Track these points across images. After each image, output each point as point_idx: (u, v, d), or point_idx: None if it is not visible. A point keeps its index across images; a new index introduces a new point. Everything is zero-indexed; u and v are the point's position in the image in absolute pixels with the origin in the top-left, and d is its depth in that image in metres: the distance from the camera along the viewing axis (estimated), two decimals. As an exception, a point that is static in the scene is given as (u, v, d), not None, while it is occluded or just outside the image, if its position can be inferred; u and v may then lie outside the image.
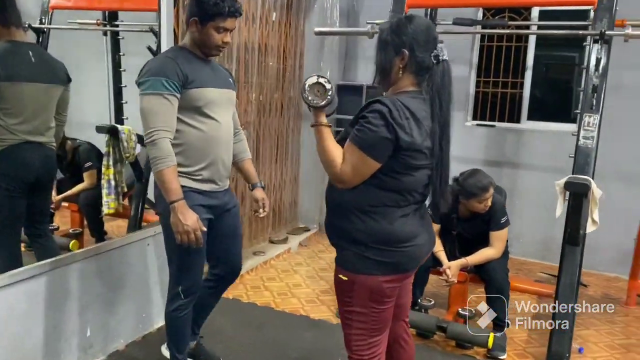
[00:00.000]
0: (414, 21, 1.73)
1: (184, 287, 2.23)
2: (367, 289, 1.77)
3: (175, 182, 2.00)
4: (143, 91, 2.02)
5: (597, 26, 2.96)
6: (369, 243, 1.73)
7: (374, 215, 1.73)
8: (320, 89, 1.70)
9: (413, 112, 1.66)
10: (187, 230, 1.98)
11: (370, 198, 1.72)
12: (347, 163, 1.69)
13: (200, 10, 2.05)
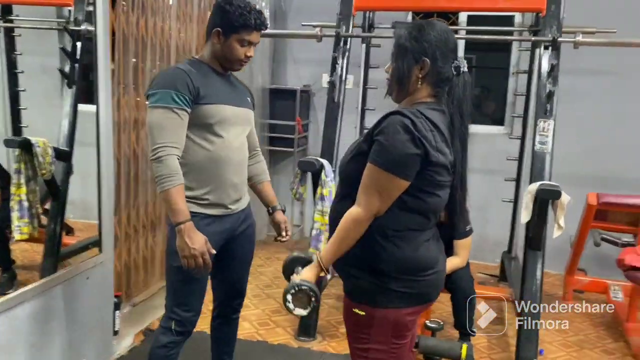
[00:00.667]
0: (435, 27, 1.58)
1: (178, 321, 2.03)
2: (389, 324, 1.59)
3: (182, 203, 1.84)
4: (151, 104, 1.87)
5: (547, 32, 3.02)
6: (392, 273, 1.55)
7: (398, 241, 1.55)
8: (304, 296, 1.54)
9: (436, 123, 1.51)
10: (194, 255, 1.82)
11: (393, 222, 1.54)
12: (370, 192, 1.50)
13: (225, 21, 1.91)
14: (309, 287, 1.51)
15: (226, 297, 2.25)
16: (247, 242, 2.22)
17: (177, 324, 2.03)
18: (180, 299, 2.03)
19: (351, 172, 1.59)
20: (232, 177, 2.02)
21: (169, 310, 2.05)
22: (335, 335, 3.22)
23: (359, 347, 1.65)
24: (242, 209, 2.12)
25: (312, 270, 1.58)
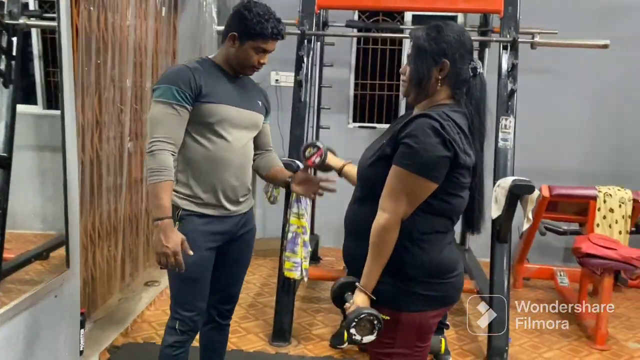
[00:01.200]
0: (453, 28, 1.57)
1: (181, 320, 2.03)
2: (414, 328, 1.58)
3: (165, 199, 1.80)
4: (154, 98, 1.88)
5: (505, 33, 3.15)
6: (419, 277, 1.54)
7: (423, 245, 1.53)
8: (366, 323, 1.49)
9: (460, 126, 1.51)
10: (166, 253, 1.78)
11: (419, 225, 1.52)
12: (398, 197, 1.47)
13: (242, 26, 1.89)
14: (367, 313, 1.47)
15: (217, 301, 2.17)
16: (245, 246, 2.18)
17: (180, 323, 2.02)
18: (182, 299, 2.03)
19: (373, 175, 1.56)
20: (230, 179, 1.98)
21: (173, 311, 2.05)
22: (309, 337, 3.18)
23: (381, 352, 1.62)
24: (243, 213, 2.08)
25: (362, 296, 1.53)
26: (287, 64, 4.78)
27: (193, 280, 1.98)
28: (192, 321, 2.04)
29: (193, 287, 2.01)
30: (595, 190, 3.58)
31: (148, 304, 3.44)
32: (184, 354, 2.07)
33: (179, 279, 1.97)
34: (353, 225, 1.66)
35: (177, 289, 2.04)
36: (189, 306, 2.02)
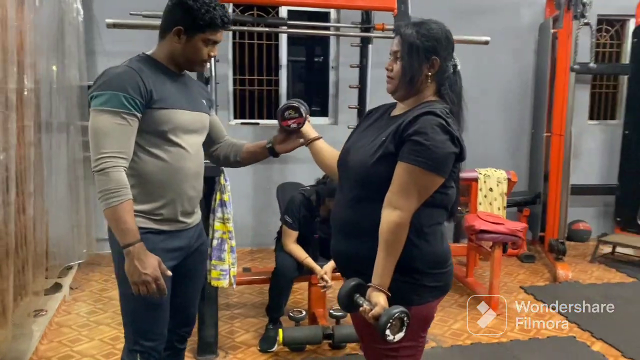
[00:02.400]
0: (439, 25, 1.61)
1: (143, 352, 1.79)
2: (421, 320, 1.62)
3: (131, 221, 1.62)
4: (96, 107, 1.62)
5: (402, 30, 3.31)
6: (426, 269, 1.58)
7: (429, 237, 1.57)
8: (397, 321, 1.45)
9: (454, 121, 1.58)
10: (145, 281, 1.61)
11: (425, 218, 1.55)
12: (410, 194, 1.48)
13: (189, 18, 1.68)
14: (399, 312, 1.44)
15: (176, 325, 1.97)
16: (201, 259, 2.04)
17: (142, 356, 1.80)
18: (143, 328, 1.80)
19: (378, 174, 1.54)
20: (188, 189, 1.82)
21: (131, 343, 1.81)
22: (235, 346, 3.04)
23: (387, 348, 1.61)
24: (196, 224, 1.93)
25: (382, 295, 1.50)
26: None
27: (156, 306, 1.77)
28: (156, 351, 1.83)
29: (156, 313, 1.79)
30: (476, 173, 3.97)
31: (40, 338, 2.97)
32: None
33: (140, 306, 1.74)
34: (352, 225, 1.63)
35: (137, 317, 1.80)
36: (152, 335, 1.81)
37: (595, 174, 5.56)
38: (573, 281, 4.20)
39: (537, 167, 5.09)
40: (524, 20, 5.23)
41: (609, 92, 5.73)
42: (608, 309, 3.57)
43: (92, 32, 4.37)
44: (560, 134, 4.52)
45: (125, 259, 1.61)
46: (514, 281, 4.23)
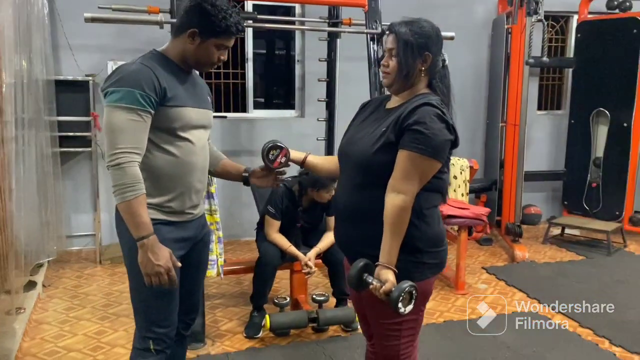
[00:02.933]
0: (430, 24, 1.75)
1: (155, 339, 1.85)
2: (422, 295, 1.76)
3: (145, 215, 1.68)
4: (112, 103, 1.66)
5: (372, 25, 3.46)
6: (426, 248, 1.73)
7: (427, 219, 1.73)
8: (407, 295, 1.58)
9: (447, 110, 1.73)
10: (158, 272, 1.69)
11: (424, 202, 1.71)
12: (412, 179, 1.62)
13: (205, 23, 1.75)
14: (409, 286, 1.57)
15: (182, 312, 2.02)
16: (205, 249, 2.11)
17: (155, 342, 1.86)
18: (155, 316, 1.85)
19: (380, 162, 1.67)
20: (195, 182, 1.89)
21: (144, 330, 1.86)
22: (221, 334, 3.11)
23: (391, 322, 1.77)
24: (201, 215, 2.02)
25: (390, 272, 1.62)
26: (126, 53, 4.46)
27: (167, 295, 1.83)
28: (169, 337, 1.90)
29: (167, 301, 1.86)
30: (441, 162, 4.17)
31: (22, 337, 2.94)
32: None
33: (153, 295, 1.80)
34: (356, 210, 1.75)
35: (150, 306, 1.85)
36: (164, 322, 1.87)
37: (544, 161, 5.93)
38: (529, 261, 4.51)
39: (492, 155, 5.39)
40: (477, 16, 5.50)
41: (555, 84, 6.11)
42: (564, 286, 3.88)
43: (56, 26, 4.28)
44: (515, 124, 4.81)
45: (139, 251, 1.68)
46: (475, 263, 4.49)
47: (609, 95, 5.18)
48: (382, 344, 1.83)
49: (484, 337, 3.10)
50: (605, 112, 5.24)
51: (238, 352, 2.90)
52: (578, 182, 5.49)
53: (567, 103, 5.82)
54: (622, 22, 5.08)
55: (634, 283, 4.04)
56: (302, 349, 2.93)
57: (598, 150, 5.36)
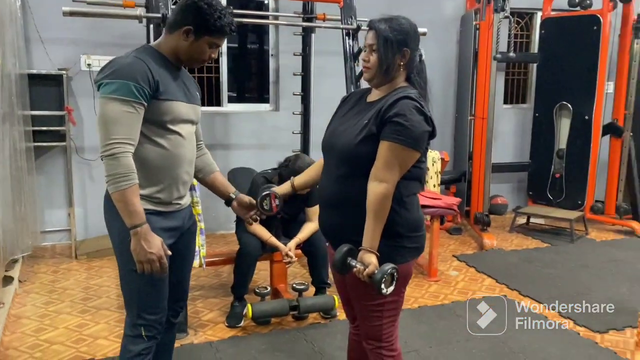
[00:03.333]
0: (408, 21, 1.85)
1: (147, 326, 1.91)
2: (403, 277, 1.87)
3: (138, 204, 1.73)
4: (106, 94, 1.71)
5: (348, 21, 3.55)
6: (407, 233, 1.83)
7: (407, 206, 1.83)
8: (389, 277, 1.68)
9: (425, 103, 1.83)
10: (151, 259, 1.75)
11: (404, 189, 1.80)
12: (393, 168, 1.72)
13: (200, 21, 1.80)
14: (391, 267, 1.67)
15: (171, 300, 2.08)
16: (192, 238, 2.17)
17: (146, 329, 1.92)
18: (146, 303, 1.91)
19: (362, 153, 1.76)
20: (183, 174, 1.95)
21: (135, 317, 1.91)
22: (203, 324, 3.17)
23: (374, 303, 1.87)
24: (187, 205, 2.07)
25: (373, 256, 1.72)
26: (99, 47, 4.47)
27: (158, 282, 1.89)
28: (159, 323, 1.95)
29: (157, 288, 1.91)
30: (413, 154, 4.30)
31: (2, 330, 2.95)
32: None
33: (144, 283, 1.85)
34: (340, 199, 1.84)
35: (141, 293, 1.90)
36: (154, 309, 1.93)
37: (510, 153, 6.14)
38: (497, 249, 4.70)
39: (461, 148, 5.56)
40: (447, 12, 5.65)
41: (520, 78, 6.32)
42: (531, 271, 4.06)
43: (28, 19, 4.23)
44: (483, 117, 4.99)
45: (132, 239, 1.73)
46: (446, 251, 4.65)
47: (571, 89, 5.41)
48: (366, 324, 1.93)
49: (456, 320, 3.25)
50: (567, 106, 5.47)
51: (221, 341, 2.97)
52: (542, 173, 5.71)
53: (532, 97, 6.03)
54: (583, 19, 5.30)
55: (596, 268, 4.26)
56: (283, 336, 3.01)
57: (561, 142, 5.59)
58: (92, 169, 4.59)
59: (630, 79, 5.28)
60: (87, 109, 4.48)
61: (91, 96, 4.42)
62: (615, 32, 5.40)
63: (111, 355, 2.79)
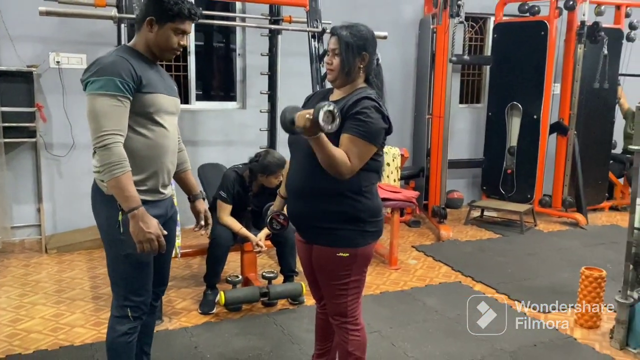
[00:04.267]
0: (366, 28, 2.05)
1: (133, 307, 2.06)
2: (365, 258, 2.10)
3: (133, 189, 1.86)
4: (94, 91, 1.84)
5: (314, 25, 3.75)
6: (367, 218, 2.05)
7: (367, 194, 2.04)
8: (330, 116, 1.79)
9: (383, 102, 2.06)
10: (150, 238, 1.87)
11: (364, 180, 2.02)
12: (355, 156, 1.92)
13: (159, 9, 1.93)
14: (326, 103, 1.77)
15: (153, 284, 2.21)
16: (174, 226, 2.33)
17: (132, 310, 2.05)
18: (133, 285, 2.04)
19: None
20: (167, 164, 2.09)
21: (122, 299, 2.05)
22: (177, 312, 3.32)
23: (340, 282, 2.09)
24: (170, 195, 2.22)
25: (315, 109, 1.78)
26: (67, 44, 4.55)
27: (145, 265, 2.04)
28: (145, 304, 2.10)
29: (144, 271, 2.06)
30: (375, 150, 4.55)
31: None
32: (135, 341, 2.11)
33: (132, 265, 2.00)
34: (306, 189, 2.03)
35: (129, 276, 2.04)
36: (141, 291, 2.07)
37: (465, 150, 6.48)
38: (453, 240, 5.00)
39: (420, 145, 5.86)
40: (406, 16, 5.93)
41: (474, 79, 6.67)
42: (484, 260, 4.36)
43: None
44: (440, 116, 5.28)
45: (131, 222, 1.85)
46: (406, 242, 4.92)
47: (521, 90, 5.77)
48: (333, 302, 2.14)
49: (415, 303, 3.51)
50: (518, 106, 5.83)
51: (195, 327, 3.13)
52: (495, 169, 6.07)
53: (485, 97, 6.39)
54: (532, 25, 5.67)
55: (543, 255, 4.61)
56: (254, 321, 3.20)
57: (512, 140, 5.95)
58: (61, 164, 4.66)
59: (574, 81, 5.66)
60: (56, 106, 4.54)
61: (60, 93, 4.51)
62: (561, 37, 5.78)
63: (89, 341, 2.92)
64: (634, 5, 5.94)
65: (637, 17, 5.97)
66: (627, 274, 2.94)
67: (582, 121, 5.80)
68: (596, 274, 3.17)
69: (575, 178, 5.79)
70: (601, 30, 5.42)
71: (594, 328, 3.20)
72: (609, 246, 4.87)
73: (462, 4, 4.74)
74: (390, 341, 2.98)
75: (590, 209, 6.02)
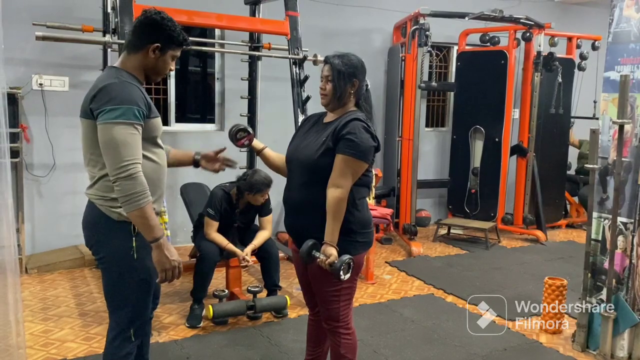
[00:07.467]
0: (356, 57, 2.29)
1: (136, 328, 2.07)
2: (357, 266, 2.29)
3: (155, 218, 1.89)
4: (111, 120, 1.82)
5: (295, 52, 3.98)
6: (358, 230, 2.25)
7: (359, 207, 2.25)
8: (346, 266, 2.08)
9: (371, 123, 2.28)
10: (174, 266, 1.91)
11: (356, 194, 2.23)
12: (347, 176, 2.13)
13: (166, 38, 1.96)
14: (348, 258, 2.08)
15: None
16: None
17: (136, 331, 2.08)
18: (139, 310, 2.07)
19: (323, 164, 2.17)
20: (164, 184, 2.14)
21: (127, 322, 2.05)
22: (165, 326, 3.43)
23: (332, 289, 2.27)
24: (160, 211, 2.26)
25: (333, 249, 2.11)
26: (50, 67, 4.64)
27: (150, 288, 2.06)
28: (148, 323, 2.18)
29: (149, 294, 2.08)
30: (350, 170, 4.80)
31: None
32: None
33: (142, 290, 2.02)
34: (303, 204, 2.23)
35: (138, 300, 2.04)
36: (145, 312, 2.10)
37: (431, 171, 6.80)
38: (424, 255, 5.26)
39: (391, 165, 6.14)
40: (375, 44, 6.25)
41: (439, 104, 7.04)
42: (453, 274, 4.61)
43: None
44: (409, 139, 5.57)
45: (155, 251, 1.87)
46: (380, 258, 5.14)
47: (484, 114, 6.14)
48: (326, 307, 2.32)
49: (393, 314, 3.71)
50: (481, 129, 6.19)
51: (185, 339, 3.24)
52: (460, 189, 6.39)
53: (450, 121, 6.75)
54: (493, 54, 6.07)
55: (508, 269, 4.90)
56: (242, 333, 3.33)
57: (476, 161, 6.29)
58: (41, 185, 4.71)
59: (532, 106, 6.07)
60: (37, 127, 4.61)
61: (42, 115, 4.59)
62: (519, 66, 6.21)
63: (82, 355, 2.99)
64: (584, 38, 6.44)
65: (587, 48, 6.47)
66: (586, 281, 3.23)
67: (539, 144, 6.20)
68: (558, 283, 3.46)
69: (535, 197, 6.15)
70: (556, 60, 5.86)
71: (557, 333, 3.48)
72: (567, 260, 5.21)
73: (429, 35, 5.08)
74: (373, 349, 3.17)
75: (549, 226, 6.39)
